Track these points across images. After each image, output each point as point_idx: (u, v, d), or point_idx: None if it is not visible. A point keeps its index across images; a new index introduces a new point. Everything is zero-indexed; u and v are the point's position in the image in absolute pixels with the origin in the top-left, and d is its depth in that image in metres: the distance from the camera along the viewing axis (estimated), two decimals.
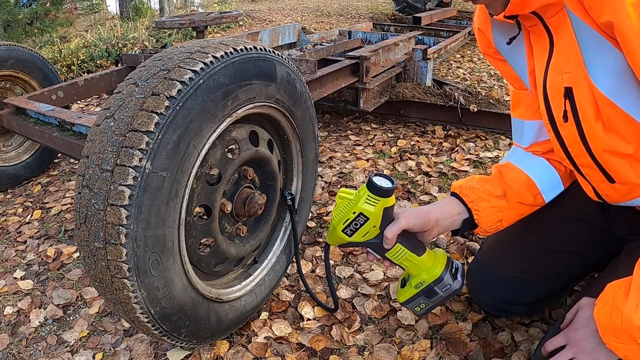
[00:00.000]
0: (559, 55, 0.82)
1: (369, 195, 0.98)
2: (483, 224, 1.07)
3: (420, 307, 1.08)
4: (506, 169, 1.12)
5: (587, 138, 0.84)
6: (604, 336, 0.85)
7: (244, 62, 1.00)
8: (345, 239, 1.03)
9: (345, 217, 1.01)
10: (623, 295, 0.81)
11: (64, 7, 9.55)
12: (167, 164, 0.86)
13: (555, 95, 0.85)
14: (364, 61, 2.44)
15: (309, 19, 7.62)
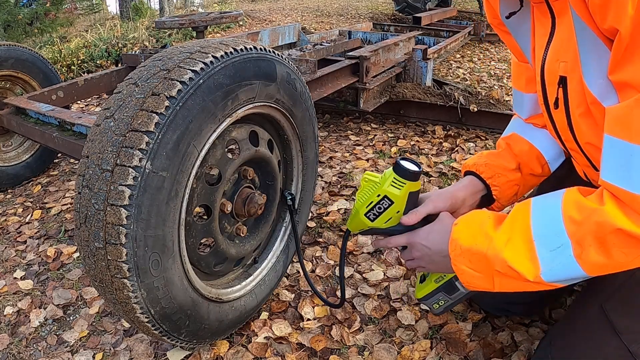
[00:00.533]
0: (558, 42, 0.82)
1: (395, 177, 0.95)
2: (501, 199, 1.08)
3: (438, 304, 1.04)
4: (513, 140, 1.12)
5: (574, 128, 0.84)
6: (456, 257, 0.85)
7: (244, 62, 1.00)
8: (367, 224, 1.01)
9: (368, 200, 0.98)
10: (492, 225, 0.82)
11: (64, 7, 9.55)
12: (167, 164, 0.86)
13: (551, 80, 0.85)
14: (364, 61, 2.44)
15: (309, 19, 7.62)
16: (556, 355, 0.94)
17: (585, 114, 0.80)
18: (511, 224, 0.79)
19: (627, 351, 0.85)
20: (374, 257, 1.60)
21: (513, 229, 0.79)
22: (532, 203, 0.80)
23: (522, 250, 0.76)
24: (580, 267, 0.73)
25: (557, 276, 0.75)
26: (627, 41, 0.64)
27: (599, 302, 0.90)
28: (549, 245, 0.74)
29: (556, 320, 1.27)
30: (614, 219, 0.67)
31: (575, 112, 0.82)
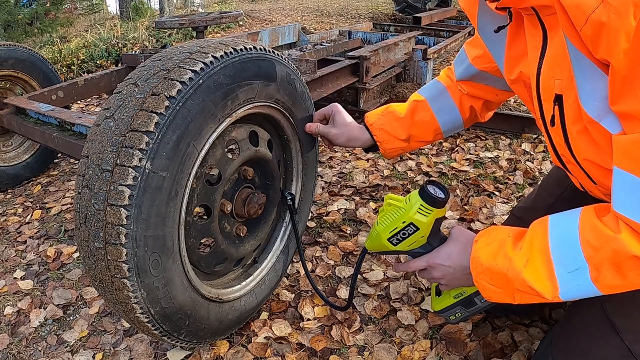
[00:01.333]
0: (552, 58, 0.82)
1: (422, 204, 0.94)
2: (386, 156, 1.29)
3: (455, 316, 1.06)
4: (420, 107, 1.24)
5: (571, 145, 0.85)
6: (477, 275, 0.87)
7: (243, 62, 1.00)
8: (389, 248, 1.00)
9: (393, 226, 0.97)
10: (512, 244, 0.83)
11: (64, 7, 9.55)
12: (167, 164, 0.86)
13: (546, 97, 0.85)
14: (364, 61, 2.44)
15: (309, 19, 7.62)
16: (557, 355, 0.94)
17: (583, 131, 0.80)
18: (530, 244, 0.81)
19: (628, 351, 0.85)
20: (374, 257, 1.60)
21: (532, 250, 0.80)
22: (549, 223, 0.81)
23: (541, 271, 0.78)
24: (597, 288, 0.75)
25: (574, 295, 0.78)
26: (624, 73, 0.64)
27: (600, 302, 0.89)
28: (567, 267, 0.76)
29: (556, 320, 1.27)
30: (629, 247, 0.70)
31: (572, 130, 0.82)
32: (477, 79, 1.19)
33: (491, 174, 2.15)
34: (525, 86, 0.95)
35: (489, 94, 1.21)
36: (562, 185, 1.22)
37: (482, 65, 1.14)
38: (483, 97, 1.22)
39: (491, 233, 0.90)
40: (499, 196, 1.96)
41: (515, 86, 0.98)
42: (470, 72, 1.18)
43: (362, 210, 1.86)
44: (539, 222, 0.83)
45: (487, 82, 1.18)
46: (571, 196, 1.19)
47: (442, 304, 1.06)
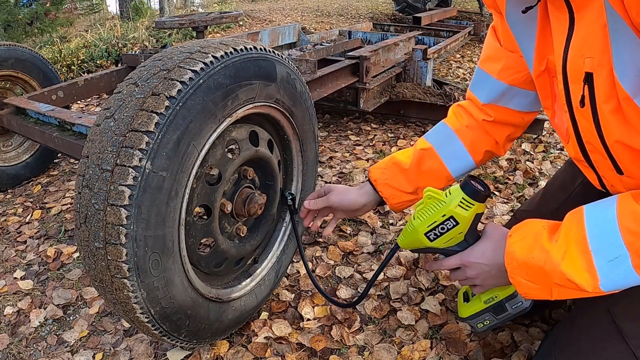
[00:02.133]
0: (581, 38, 0.79)
1: (464, 197, 0.91)
2: (395, 210, 1.23)
3: (483, 323, 1.02)
4: (427, 155, 1.17)
5: (602, 126, 0.82)
6: (512, 270, 0.84)
7: (244, 62, 1.00)
8: (425, 244, 0.96)
9: (432, 220, 0.93)
10: (547, 237, 0.81)
11: (64, 7, 9.56)
12: (167, 164, 0.86)
13: (575, 78, 0.82)
14: (364, 61, 2.44)
15: (309, 19, 7.63)
16: (559, 356, 0.93)
17: (616, 110, 0.77)
18: (566, 235, 0.79)
19: (633, 356, 0.83)
20: (373, 257, 1.60)
21: (568, 241, 0.78)
22: (585, 213, 0.79)
23: (579, 263, 0.76)
24: (639, 275, 0.73)
25: (615, 286, 0.75)
26: None
27: (607, 305, 0.88)
28: (606, 256, 0.74)
29: (556, 320, 1.27)
30: None
31: (604, 109, 0.79)
32: (505, 99, 1.10)
33: (491, 174, 2.15)
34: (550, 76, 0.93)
35: (516, 118, 1.14)
36: (568, 190, 1.21)
37: (511, 77, 1.07)
38: (511, 121, 1.14)
39: (526, 226, 0.87)
40: (499, 196, 1.96)
41: (539, 79, 0.96)
42: (498, 90, 1.09)
43: None
44: (574, 213, 0.81)
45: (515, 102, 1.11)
46: (577, 201, 1.18)
47: (471, 309, 1.02)
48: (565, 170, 1.28)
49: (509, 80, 1.07)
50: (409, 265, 1.54)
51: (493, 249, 0.93)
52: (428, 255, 1.29)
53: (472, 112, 1.16)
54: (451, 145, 1.16)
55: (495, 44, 1.09)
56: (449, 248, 0.97)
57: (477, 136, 1.15)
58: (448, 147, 1.16)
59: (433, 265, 1.05)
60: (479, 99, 1.13)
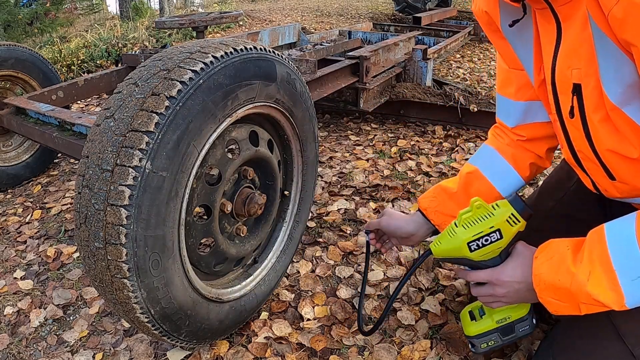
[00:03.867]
0: (568, 49, 0.81)
1: (512, 213, 0.92)
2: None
3: (488, 344, 1.03)
4: (473, 177, 1.16)
5: (592, 135, 0.83)
6: (541, 292, 0.85)
7: (244, 62, 1.00)
8: (463, 253, 0.95)
9: (479, 229, 0.92)
10: (572, 257, 0.82)
11: (64, 7, 9.56)
12: (167, 164, 0.86)
13: (563, 89, 0.84)
14: (364, 61, 2.44)
15: (309, 19, 7.63)
16: (559, 356, 0.93)
17: (605, 119, 0.79)
18: (590, 256, 0.80)
19: (631, 355, 0.84)
20: (374, 257, 1.60)
21: (592, 261, 0.79)
22: (606, 232, 0.80)
23: (604, 282, 0.77)
24: None
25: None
26: None
27: None
28: (630, 275, 0.75)
29: (556, 320, 1.27)
30: None
31: (594, 119, 0.80)
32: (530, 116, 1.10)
33: None
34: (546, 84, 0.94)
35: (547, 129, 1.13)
36: (563, 188, 1.22)
37: (527, 94, 1.07)
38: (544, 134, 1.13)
39: (550, 247, 0.88)
40: None
41: (540, 89, 0.96)
42: (520, 110, 1.10)
43: (362, 210, 1.86)
44: (595, 232, 0.82)
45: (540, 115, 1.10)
46: (572, 199, 1.19)
47: (480, 328, 1.02)
48: (562, 168, 1.28)
49: (526, 97, 1.07)
50: (409, 265, 1.54)
51: (523, 269, 0.93)
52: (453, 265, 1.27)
53: (507, 134, 1.16)
54: (496, 165, 1.16)
55: (504, 66, 1.10)
56: (482, 262, 0.96)
57: (519, 153, 1.14)
58: (493, 167, 1.15)
59: (466, 274, 1.04)
60: (506, 124, 1.14)
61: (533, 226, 1.18)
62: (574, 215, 1.17)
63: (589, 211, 1.14)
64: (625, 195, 0.92)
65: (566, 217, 1.18)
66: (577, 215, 1.16)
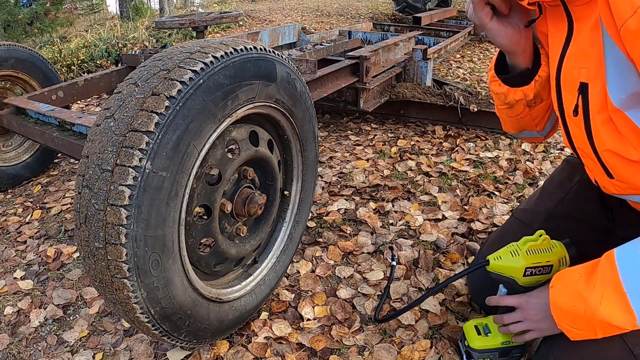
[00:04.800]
0: (578, 49, 0.81)
1: (565, 256, 1.02)
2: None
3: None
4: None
5: (594, 135, 0.84)
6: (559, 319, 0.88)
7: (244, 62, 1.00)
8: (516, 274, 1.01)
9: (538, 259, 1.00)
10: (585, 284, 0.84)
11: (64, 7, 9.56)
12: (167, 164, 0.86)
13: (569, 86, 0.84)
14: (364, 61, 2.44)
15: (309, 19, 7.62)
16: (559, 355, 0.94)
17: (607, 121, 0.80)
18: (602, 280, 0.81)
19: (631, 354, 0.84)
20: (373, 257, 1.60)
21: (604, 285, 0.81)
22: (616, 256, 0.82)
23: (616, 305, 0.79)
24: None
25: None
26: None
27: None
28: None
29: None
30: None
31: (597, 119, 0.81)
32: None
33: (491, 174, 2.15)
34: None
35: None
36: (565, 188, 1.22)
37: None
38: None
39: (565, 276, 0.90)
40: (499, 196, 1.96)
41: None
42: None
43: (362, 210, 1.86)
44: (607, 256, 0.84)
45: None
46: (574, 199, 1.19)
47: (485, 344, 1.09)
48: (563, 169, 1.28)
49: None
50: (409, 265, 1.54)
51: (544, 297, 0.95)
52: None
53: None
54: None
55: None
56: (523, 288, 1.02)
57: None
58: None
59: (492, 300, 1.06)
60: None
61: (534, 226, 1.18)
62: (575, 215, 1.17)
63: (590, 212, 1.14)
64: (622, 193, 0.93)
65: (567, 218, 1.18)
66: (578, 215, 1.16)
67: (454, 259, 1.56)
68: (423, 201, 1.94)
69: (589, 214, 1.15)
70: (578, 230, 1.14)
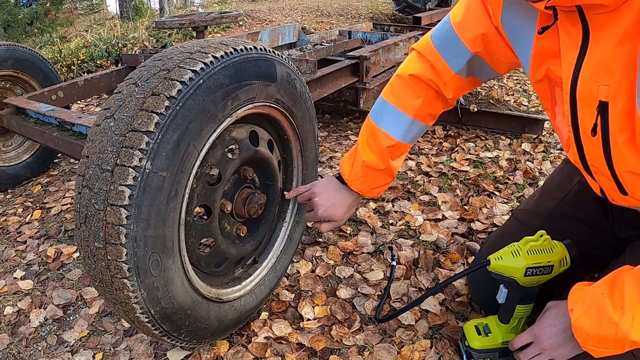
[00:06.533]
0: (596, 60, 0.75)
1: (566, 256, 1.03)
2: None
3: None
4: (397, 147, 1.19)
5: (613, 156, 0.81)
6: (584, 342, 0.85)
7: (244, 62, 1.00)
8: (517, 275, 1.01)
9: (539, 259, 1.00)
10: (611, 305, 0.81)
11: (64, 7, 9.55)
12: (167, 164, 0.86)
13: (586, 104, 0.80)
14: (364, 61, 2.44)
15: (309, 19, 7.62)
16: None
17: (631, 140, 0.76)
18: (630, 301, 0.79)
19: (632, 355, 0.84)
20: (373, 257, 1.60)
21: (633, 306, 0.79)
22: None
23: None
24: None
25: None
26: None
27: None
28: None
29: None
30: None
31: (618, 140, 0.77)
32: (477, 70, 1.11)
33: (491, 174, 2.15)
34: (550, 85, 0.91)
35: (473, 86, 1.18)
36: (565, 189, 1.22)
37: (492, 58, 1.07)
38: (466, 90, 1.18)
39: (585, 296, 0.87)
40: (499, 196, 1.96)
41: (538, 85, 0.94)
42: (471, 63, 1.09)
43: (362, 210, 1.86)
44: (631, 274, 0.82)
45: (481, 72, 1.12)
46: (573, 200, 1.19)
47: (485, 344, 1.09)
48: (563, 169, 1.28)
49: (484, 54, 1.08)
50: (409, 265, 1.54)
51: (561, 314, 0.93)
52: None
53: (438, 76, 1.15)
54: (415, 130, 1.19)
55: (478, 12, 1.04)
56: (524, 288, 1.03)
57: (428, 107, 1.18)
58: (412, 133, 1.19)
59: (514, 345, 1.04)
60: (451, 67, 1.12)
61: (534, 226, 1.18)
62: (575, 215, 1.17)
63: (591, 212, 1.15)
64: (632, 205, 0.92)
65: (567, 218, 1.18)
66: (579, 215, 1.17)
67: (454, 259, 1.56)
68: (423, 201, 1.94)
69: (588, 214, 1.15)
70: (578, 231, 1.14)
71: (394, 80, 1.19)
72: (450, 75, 1.11)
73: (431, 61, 1.12)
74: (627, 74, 0.71)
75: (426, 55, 1.14)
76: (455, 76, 1.11)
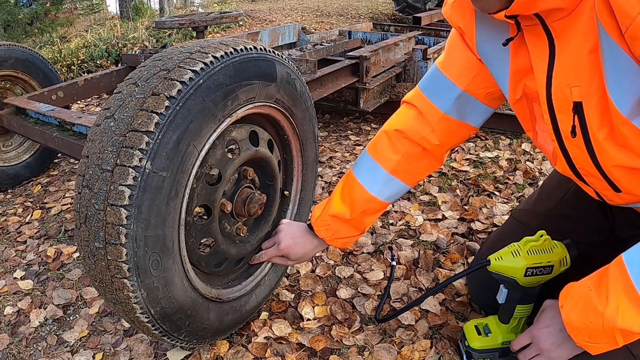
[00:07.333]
0: (565, 66, 0.78)
1: (566, 256, 1.03)
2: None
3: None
4: (374, 207, 1.19)
5: (597, 154, 0.82)
6: (576, 337, 0.85)
7: (244, 62, 1.00)
8: (517, 275, 1.01)
9: (539, 259, 1.00)
10: (597, 296, 0.81)
11: (64, 7, 9.55)
12: (167, 164, 0.86)
13: (562, 108, 0.82)
14: (364, 61, 2.44)
15: (309, 19, 7.62)
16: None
17: (610, 136, 0.77)
18: (615, 290, 0.79)
19: (630, 354, 0.85)
20: (373, 257, 1.60)
21: (618, 294, 0.79)
22: (625, 262, 0.80)
23: (634, 312, 0.77)
24: None
25: None
26: None
27: None
28: None
29: None
30: None
31: (599, 137, 0.79)
32: (467, 113, 1.09)
33: (491, 174, 2.15)
34: (528, 102, 0.92)
35: (466, 133, 1.16)
36: (563, 188, 1.22)
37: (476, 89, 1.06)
38: (456, 137, 1.15)
39: (573, 292, 0.88)
40: (499, 196, 1.96)
41: (517, 105, 0.96)
42: (461, 101, 1.07)
43: None
44: (615, 263, 0.82)
45: (472, 112, 1.10)
46: (572, 199, 1.19)
47: (485, 344, 1.09)
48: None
49: (475, 92, 1.07)
50: (409, 265, 1.54)
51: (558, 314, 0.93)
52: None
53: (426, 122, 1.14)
54: (392, 188, 1.18)
55: (465, 55, 1.04)
56: (524, 288, 1.03)
57: (412, 164, 1.18)
58: (389, 189, 1.18)
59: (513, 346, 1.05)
60: (439, 107, 1.11)
61: (533, 226, 1.18)
62: (574, 215, 1.17)
63: (589, 212, 1.15)
64: (629, 203, 0.92)
65: (566, 218, 1.18)
66: (577, 215, 1.17)
67: (454, 259, 1.56)
68: (423, 201, 1.94)
69: (587, 214, 1.15)
70: (577, 230, 1.14)
71: (379, 134, 1.19)
72: (438, 117, 1.09)
73: (418, 107, 1.12)
74: (595, 72, 0.74)
75: (414, 102, 1.13)
76: (443, 117, 1.09)
